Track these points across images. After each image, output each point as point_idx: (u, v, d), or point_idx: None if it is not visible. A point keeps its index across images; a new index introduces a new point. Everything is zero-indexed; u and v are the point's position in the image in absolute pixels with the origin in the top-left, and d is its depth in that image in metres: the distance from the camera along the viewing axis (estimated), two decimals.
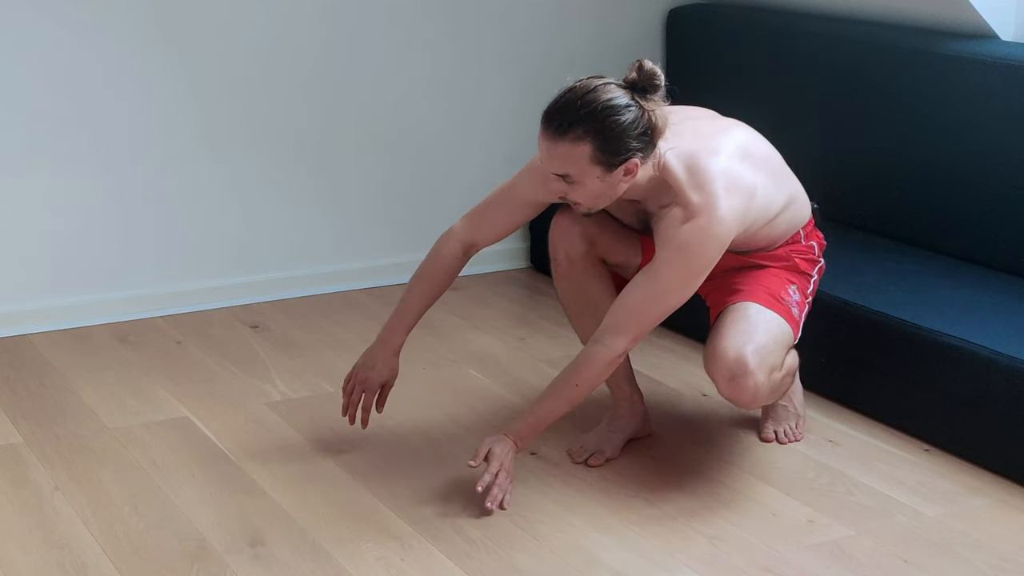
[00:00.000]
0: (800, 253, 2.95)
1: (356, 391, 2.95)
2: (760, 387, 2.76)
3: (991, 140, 3.40)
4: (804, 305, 2.94)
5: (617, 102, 2.57)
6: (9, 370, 3.54)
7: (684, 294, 2.69)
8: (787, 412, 3.12)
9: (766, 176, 2.78)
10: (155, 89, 3.86)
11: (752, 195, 2.71)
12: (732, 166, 2.69)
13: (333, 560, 2.59)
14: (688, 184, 2.65)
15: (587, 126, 2.56)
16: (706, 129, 2.78)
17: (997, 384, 2.88)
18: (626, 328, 2.69)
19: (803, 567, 2.57)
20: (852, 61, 3.77)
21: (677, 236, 2.64)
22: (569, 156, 2.59)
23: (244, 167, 4.02)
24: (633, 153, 2.59)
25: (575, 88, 2.61)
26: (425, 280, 2.95)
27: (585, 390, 2.74)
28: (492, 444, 2.76)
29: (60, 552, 2.62)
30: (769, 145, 2.90)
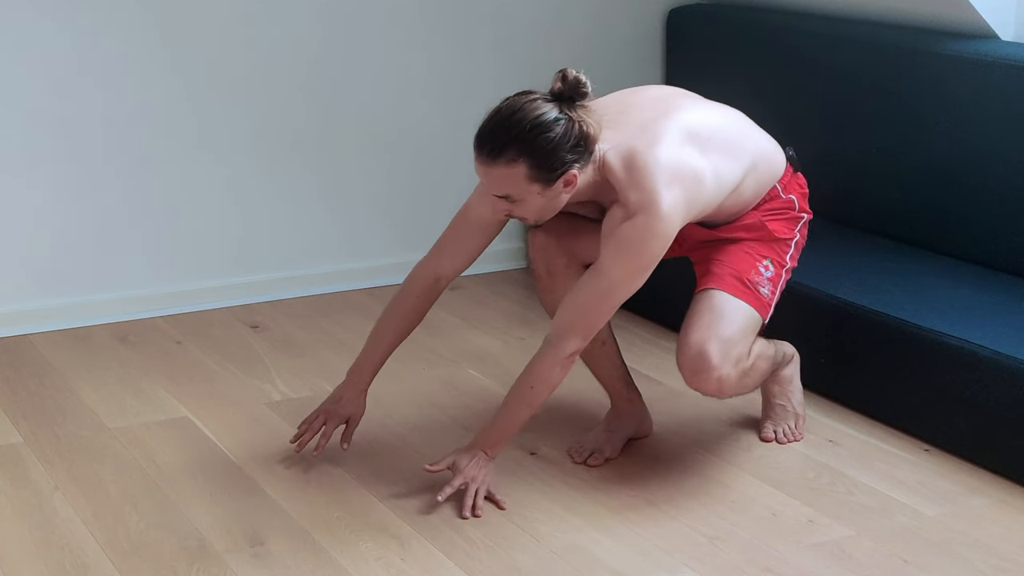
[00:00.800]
0: (777, 213, 2.90)
1: (319, 421, 2.93)
2: (725, 379, 2.78)
3: (991, 140, 3.40)
4: (780, 277, 2.90)
5: (545, 118, 2.55)
6: (9, 370, 3.54)
7: (630, 289, 2.68)
8: (785, 412, 3.12)
9: (718, 153, 2.72)
10: (155, 89, 3.86)
11: (698, 181, 2.67)
12: (673, 155, 2.64)
13: (333, 560, 2.59)
14: (626, 183, 2.63)
15: (519, 147, 2.55)
16: (647, 117, 2.72)
17: (997, 384, 2.88)
18: (575, 328, 2.69)
19: (803, 567, 2.57)
20: (852, 61, 3.77)
21: (618, 235, 2.63)
22: (506, 178, 2.59)
23: (244, 167, 4.02)
24: (569, 165, 2.59)
25: (502, 109, 2.59)
26: (393, 318, 2.94)
27: (542, 391, 2.74)
28: (457, 457, 2.79)
29: (60, 552, 2.62)
30: (722, 113, 2.85)
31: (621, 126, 2.68)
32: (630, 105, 2.76)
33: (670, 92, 2.89)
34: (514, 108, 2.58)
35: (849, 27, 3.84)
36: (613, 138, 2.66)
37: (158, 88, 3.86)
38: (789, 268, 2.94)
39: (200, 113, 3.93)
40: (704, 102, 2.86)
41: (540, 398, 2.75)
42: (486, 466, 2.79)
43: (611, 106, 2.74)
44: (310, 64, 4.05)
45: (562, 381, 2.75)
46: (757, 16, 4.16)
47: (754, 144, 2.87)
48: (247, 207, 4.07)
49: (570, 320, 2.70)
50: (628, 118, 2.71)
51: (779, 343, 3.07)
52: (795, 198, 2.93)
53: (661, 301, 3.33)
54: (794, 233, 2.93)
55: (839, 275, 3.39)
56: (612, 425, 3.06)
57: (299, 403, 3.31)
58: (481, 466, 2.79)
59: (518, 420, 2.78)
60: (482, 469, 2.78)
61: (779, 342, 3.08)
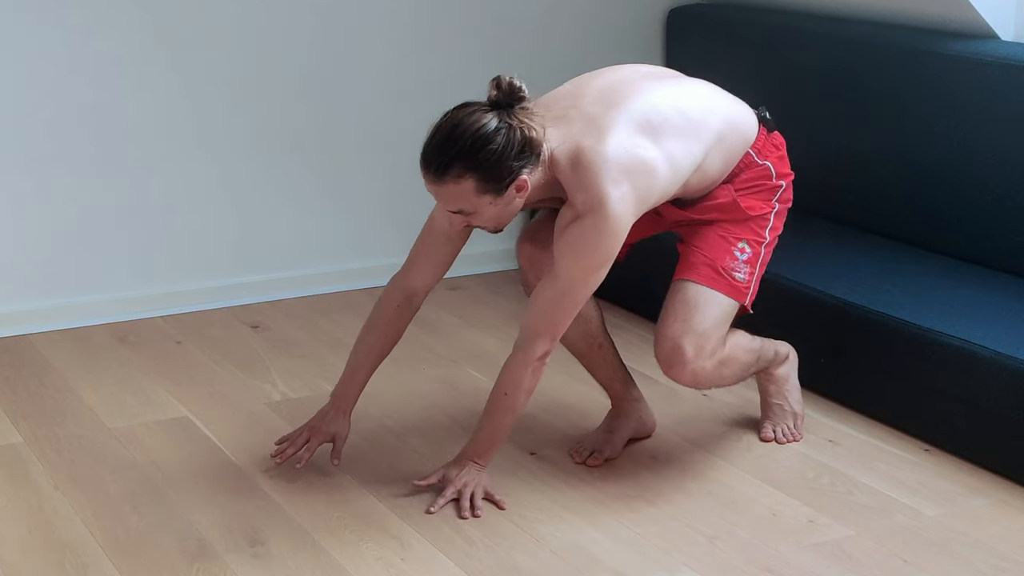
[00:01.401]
0: (753, 186, 2.86)
1: (302, 437, 2.92)
2: (700, 371, 2.81)
3: (991, 140, 3.40)
4: (759, 255, 2.87)
5: (486, 129, 2.55)
6: (9, 370, 3.54)
7: (589, 287, 2.67)
8: (783, 411, 3.12)
9: (673, 137, 2.68)
10: (154, 89, 3.86)
11: (649, 172, 2.64)
12: (622, 149, 2.61)
13: (333, 560, 2.59)
14: (574, 183, 2.62)
15: (463, 163, 2.55)
16: (596, 110, 2.67)
17: (997, 384, 2.88)
18: (540, 331, 2.70)
19: (803, 567, 2.57)
20: (852, 61, 3.77)
21: (568, 236, 2.63)
22: (456, 194, 2.59)
23: (244, 167, 4.02)
24: (517, 172, 2.58)
25: (442, 126, 2.59)
26: (371, 336, 2.92)
27: (517, 396, 2.74)
28: (446, 469, 2.81)
29: (60, 552, 2.62)
30: (680, 91, 2.80)
31: (569, 122, 2.66)
32: (580, 97, 2.72)
33: (626, 76, 2.80)
34: (454, 123, 2.57)
35: (849, 27, 3.84)
36: (561, 135, 2.64)
37: (158, 88, 3.86)
38: (771, 242, 2.90)
39: (200, 113, 3.93)
40: (664, 80, 2.81)
41: (518, 403, 2.75)
42: (478, 473, 2.80)
43: (562, 99, 2.71)
44: (311, 63, 4.05)
45: (537, 384, 2.75)
46: (757, 16, 4.16)
47: (719, 117, 2.80)
48: (247, 207, 4.07)
49: (534, 324, 2.70)
50: (576, 112, 2.68)
51: (774, 342, 3.07)
52: (771, 164, 2.88)
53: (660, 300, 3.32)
54: (772, 205, 2.89)
55: (839, 275, 3.39)
56: (612, 425, 3.06)
57: (299, 403, 3.30)
58: (472, 473, 2.79)
59: (501, 427, 2.79)
60: (474, 476, 2.79)
61: (774, 341, 3.08)
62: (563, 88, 2.79)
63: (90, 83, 3.78)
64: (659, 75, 2.86)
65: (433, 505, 2.76)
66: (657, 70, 2.90)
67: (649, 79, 2.80)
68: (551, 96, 2.76)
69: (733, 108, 2.86)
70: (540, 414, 3.26)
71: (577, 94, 2.74)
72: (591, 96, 2.72)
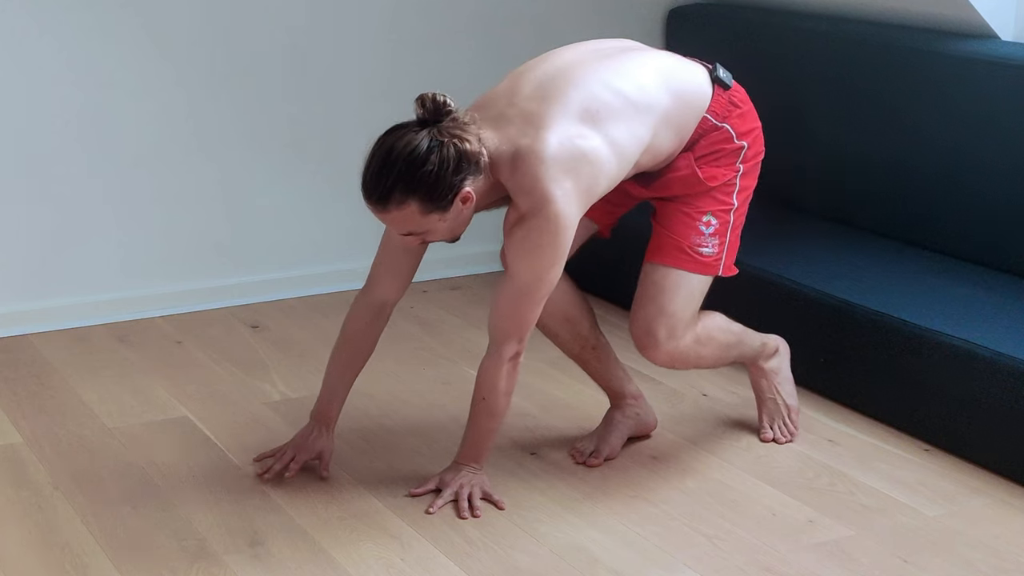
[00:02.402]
0: (713, 154, 2.79)
1: (287, 454, 2.91)
2: (675, 351, 2.84)
3: (991, 140, 3.40)
4: (728, 223, 2.84)
5: (419, 150, 2.52)
6: (9, 370, 3.54)
7: (547, 284, 2.65)
8: (776, 405, 3.12)
9: (615, 122, 2.64)
10: (154, 89, 3.86)
11: (593, 162, 2.60)
12: (561, 144, 2.57)
13: (333, 560, 2.59)
14: (516, 187, 2.60)
15: (402, 188, 2.53)
16: (532, 106, 2.63)
17: (997, 384, 2.88)
18: (506, 333, 2.70)
19: (803, 567, 2.57)
20: (852, 61, 3.77)
21: (515, 239, 2.62)
22: (402, 218, 2.58)
23: (244, 167, 4.02)
24: (459, 185, 2.56)
25: (376, 154, 2.57)
26: (344, 354, 2.91)
27: (496, 399, 2.74)
28: (442, 475, 2.83)
29: (60, 552, 2.62)
30: (622, 70, 2.72)
31: (507, 122, 2.63)
32: (516, 93, 2.67)
33: (565, 62, 2.73)
34: (386, 150, 2.55)
35: (849, 27, 3.84)
36: (499, 138, 2.61)
37: (158, 88, 3.86)
38: (740, 206, 2.87)
39: (200, 113, 3.93)
40: (607, 60, 2.73)
41: (498, 405, 2.75)
42: (475, 474, 2.81)
43: (500, 98, 2.68)
44: (310, 63, 4.05)
45: (515, 384, 2.75)
46: (757, 16, 4.16)
47: (665, 93, 2.73)
48: (247, 207, 4.07)
49: (499, 326, 2.71)
50: (513, 110, 2.64)
51: (761, 334, 3.06)
52: (730, 127, 2.81)
53: None
54: (735, 169, 2.83)
55: (839, 275, 3.39)
56: (611, 425, 3.06)
57: (299, 403, 3.30)
58: (469, 475, 2.80)
59: (486, 430, 2.79)
60: (470, 477, 2.80)
61: (765, 335, 3.08)
62: (501, 85, 2.75)
63: (89, 84, 3.78)
64: (604, 53, 2.78)
65: (432, 505, 2.76)
66: (604, 46, 2.82)
67: (590, 62, 2.72)
68: (490, 95, 2.73)
69: (682, 79, 2.78)
70: (540, 414, 3.26)
71: (514, 90, 2.69)
72: (527, 91, 2.67)
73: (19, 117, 3.72)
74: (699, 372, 3.49)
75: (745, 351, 3.04)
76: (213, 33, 3.90)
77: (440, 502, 2.77)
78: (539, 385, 3.40)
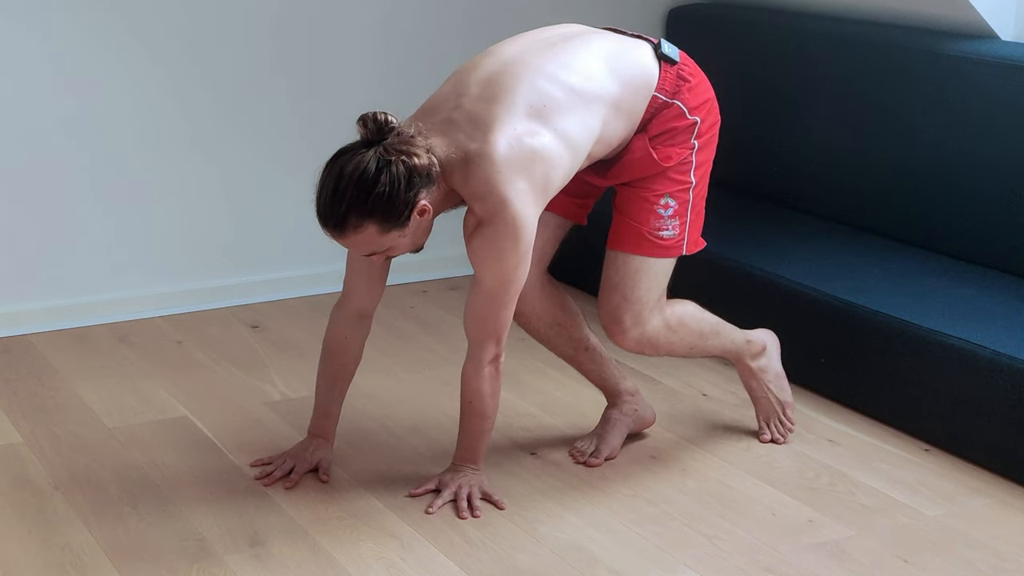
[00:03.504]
0: (666, 131, 2.76)
1: (287, 465, 2.91)
2: (643, 337, 2.84)
3: (991, 140, 3.40)
4: (688, 203, 2.81)
5: (368, 172, 2.50)
6: (9, 370, 3.54)
7: (515, 284, 2.65)
8: (769, 404, 3.11)
9: (563, 115, 2.62)
10: (154, 88, 3.86)
11: (545, 159, 2.59)
12: (511, 144, 2.56)
13: (333, 560, 2.59)
14: (469, 193, 2.59)
15: (357, 213, 2.52)
16: (478, 108, 2.61)
17: (997, 384, 2.88)
18: (482, 336, 2.70)
19: (803, 567, 2.57)
20: (852, 61, 3.77)
21: (475, 245, 2.61)
22: (362, 241, 2.58)
23: (244, 166, 4.02)
24: (414, 200, 2.54)
25: (325, 181, 2.55)
26: (331, 367, 2.91)
27: (483, 401, 2.74)
28: (440, 476, 2.83)
29: (60, 552, 2.62)
30: (565, 63, 2.68)
31: (454, 126, 2.60)
32: (462, 95, 2.64)
33: (509, 58, 2.69)
34: (336, 176, 2.54)
35: (849, 27, 3.84)
36: (448, 144, 2.59)
37: (156, 87, 3.86)
38: (699, 184, 2.84)
39: (199, 113, 3.93)
40: (551, 52, 2.70)
41: (486, 407, 2.75)
42: (474, 474, 2.81)
43: (446, 100, 2.66)
44: (309, 63, 4.05)
45: (499, 385, 2.75)
46: (757, 16, 4.16)
47: (612, 81, 2.70)
48: (247, 207, 4.07)
49: (473, 332, 2.71)
50: (460, 113, 2.62)
51: (750, 332, 3.05)
52: (681, 102, 2.77)
53: None
54: (690, 146, 2.79)
55: (839, 275, 3.39)
56: (609, 424, 3.05)
57: (299, 403, 3.30)
58: (468, 475, 2.81)
59: (479, 431, 2.79)
60: (469, 477, 2.80)
61: (751, 331, 3.06)
62: (446, 86, 2.72)
63: (89, 83, 3.78)
64: (548, 43, 2.75)
65: (431, 506, 2.76)
66: (547, 35, 2.80)
67: (533, 56, 2.69)
68: (435, 98, 2.70)
69: (627, 62, 2.74)
70: (540, 414, 3.26)
71: (459, 91, 2.66)
72: (472, 93, 2.64)
73: (19, 117, 3.72)
74: (699, 373, 3.50)
75: (726, 345, 3.01)
76: (213, 33, 3.90)
77: (439, 502, 2.77)
78: (539, 385, 3.40)
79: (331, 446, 2.95)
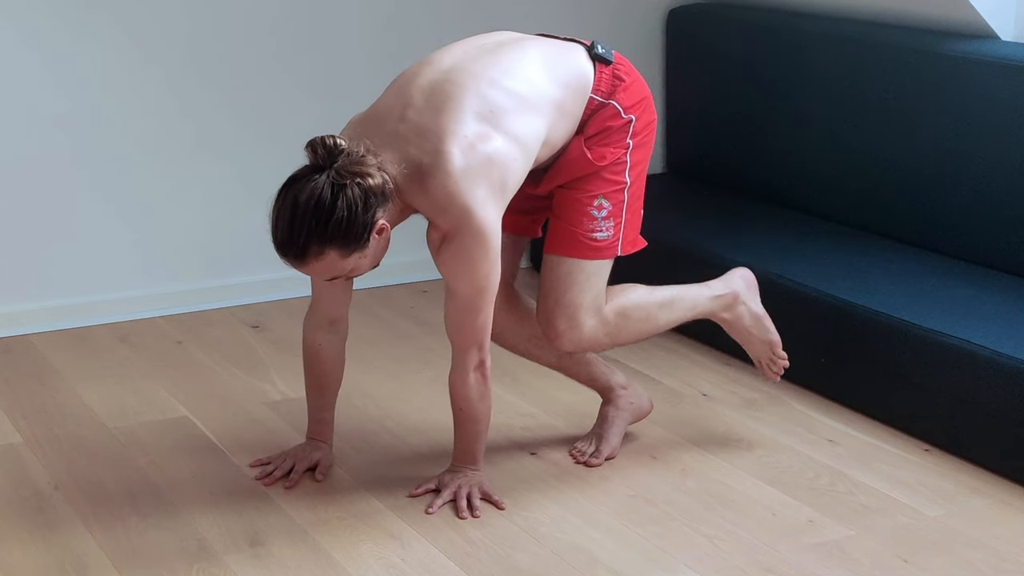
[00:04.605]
0: (602, 131, 2.74)
1: (287, 463, 2.92)
2: (580, 339, 2.82)
3: (991, 140, 3.40)
4: (622, 203, 2.80)
5: (324, 199, 2.47)
6: (9, 370, 3.54)
7: (489, 291, 2.64)
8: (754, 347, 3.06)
9: (513, 118, 2.61)
10: (154, 88, 3.86)
11: (501, 161, 2.58)
12: (464, 153, 2.54)
13: (333, 560, 2.59)
14: (428, 207, 2.58)
15: (317, 241, 2.50)
16: (425, 119, 2.58)
17: (997, 384, 2.88)
18: (463, 346, 2.70)
19: (803, 567, 2.57)
20: (852, 61, 3.77)
21: (446, 257, 2.60)
22: (323, 267, 2.57)
23: (243, 166, 4.02)
24: (372, 221, 2.52)
25: (281, 212, 2.52)
26: (311, 375, 2.91)
27: (473, 406, 2.74)
28: (440, 476, 2.84)
29: (60, 552, 2.62)
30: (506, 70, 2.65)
31: (403, 140, 2.58)
32: (407, 107, 2.61)
33: (450, 66, 2.66)
34: (292, 206, 2.50)
35: (849, 27, 3.84)
36: (398, 158, 2.56)
37: (156, 88, 3.86)
38: (634, 183, 2.82)
39: (199, 113, 3.93)
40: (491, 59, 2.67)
41: (477, 411, 2.76)
42: (473, 474, 2.82)
43: (390, 111, 2.62)
44: (311, 62, 4.05)
45: (488, 389, 2.74)
46: (757, 16, 4.16)
47: (553, 82, 2.70)
48: (247, 206, 4.06)
49: (455, 340, 2.71)
50: (407, 126, 2.59)
51: (714, 285, 2.99)
52: (616, 102, 2.76)
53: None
54: (624, 144, 2.77)
55: (839, 275, 3.39)
56: (607, 422, 3.04)
57: (299, 403, 3.29)
58: (467, 475, 2.81)
59: (474, 434, 2.79)
60: (468, 477, 2.81)
61: (716, 283, 3.00)
62: (387, 98, 2.68)
63: (88, 83, 3.78)
64: (486, 49, 2.71)
65: (431, 506, 2.76)
66: (483, 41, 2.76)
67: (473, 63, 2.66)
68: (377, 111, 2.67)
69: (565, 66, 2.73)
70: (540, 414, 3.26)
71: (404, 103, 2.62)
72: (417, 103, 2.61)
73: (19, 117, 3.72)
74: (699, 373, 3.50)
75: (687, 313, 2.97)
76: (213, 32, 3.90)
77: (439, 502, 2.77)
78: (539, 385, 3.40)
79: (330, 448, 2.96)
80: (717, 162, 4.33)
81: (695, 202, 4.16)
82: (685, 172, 4.45)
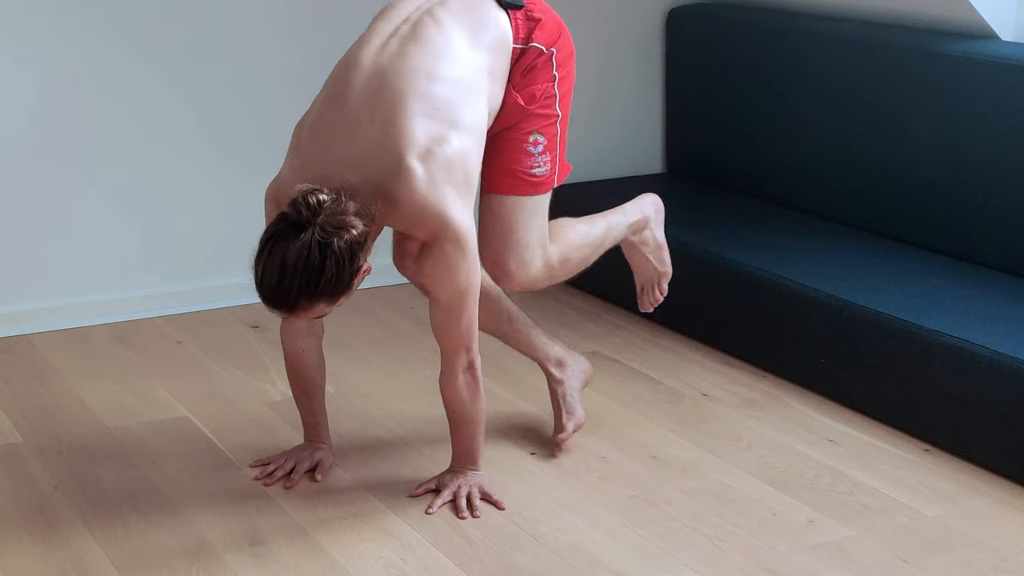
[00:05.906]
0: (528, 75, 2.75)
1: (288, 463, 2.92)
2: (528, 278, 2.85)
3: (991, 140, 3.40)
4: (556, 135, 2.81)
5: (313, 259, 2.41)
6: (9, 370, 3.54)
7: (472, 292, 2.64)
8: (645, 272, 3.14)
9: (458, 108, 2.60)
10: (154, 88, 3.86)
11: (461, 161, 2.58)
12: (426, 164, 2.53)
13: (333, 560, 2.59)
14: (403, 223, 2.59)
15: (307, 297, 2.47)
16: (374, 133, 2.55)
17: (997, 384, 2.88)
18: (451, 349, 2.71)
19: (803, 567, 2.57)
20: (852, 61, 3.77)
21: (427, 265, 2.61)
22: (310, 314, 2.55)
23: (244, 166, 4.02)
24: (357, 269, 2.49)
25: (267, 269, 2.44)
26: (297, 382, 2.92)
27: (467, 409, 2.75)
28: (440, 476, 2.84)
29: (60, 552, 2.62)
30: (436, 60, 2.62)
31: (362, 165, 2.53)
32: (354, 122, 2.58)
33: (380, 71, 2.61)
34: (279, 265, 2.43)
35: (849, 27, 3.84)
36: (364, 185, 2.51)
37: (156, 87, 3.86)
38: (563, 115, 2.83)
39: (198, 113, 3.93)
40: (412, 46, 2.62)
41: (471, 413, 2.77)
42: (473, 474, 2.82)
43: (336, 133, 2.59)
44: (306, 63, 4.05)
45: (480, 390, 2.75)
46: (757, 16, 4.16)
47: (479, 49, 2.68)
48: (247, 206, 4.05)
49: (444, 344, 2.72)
50: (359, 143, 2.55)
51: (630, 210, 3.03)
52: (538, 43, 2.75)
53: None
54: (551, 77, 2.78)
55: (839, 275, 3.39)
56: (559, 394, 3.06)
57: None
58: (467, 475, 2.82)
59: (470, 435, 2.80)
60: (468, 477, 2.81)
61: (631, 206, 3.04)
62: (327, 114, 2.63)
63: (88, 83, 3.78)
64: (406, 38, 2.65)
65: (431, 506, 2.77)
66: (401, 28, 2.68)
67: (400, 58, 2.61)
68: (323, 125, 2.62)
69: (484, 26, 2.70)
70: (540, 414, 3.26)
71: (350, 119, 2.58)
72: (362, 118, 2.57)
73: (18, 117, 3.72)
74: (699, 373, 3.50)
75: (612, 244, 3.03)
76: (213, 32, 3.90)
77: (439, 502, 2.77)
78: (538, 384, 3.40)
79: (330, 448, 2.96)
80: (716, 162, 4.33)
81: (695, 202, 4.16)
82: (684, 172, 4.45)
